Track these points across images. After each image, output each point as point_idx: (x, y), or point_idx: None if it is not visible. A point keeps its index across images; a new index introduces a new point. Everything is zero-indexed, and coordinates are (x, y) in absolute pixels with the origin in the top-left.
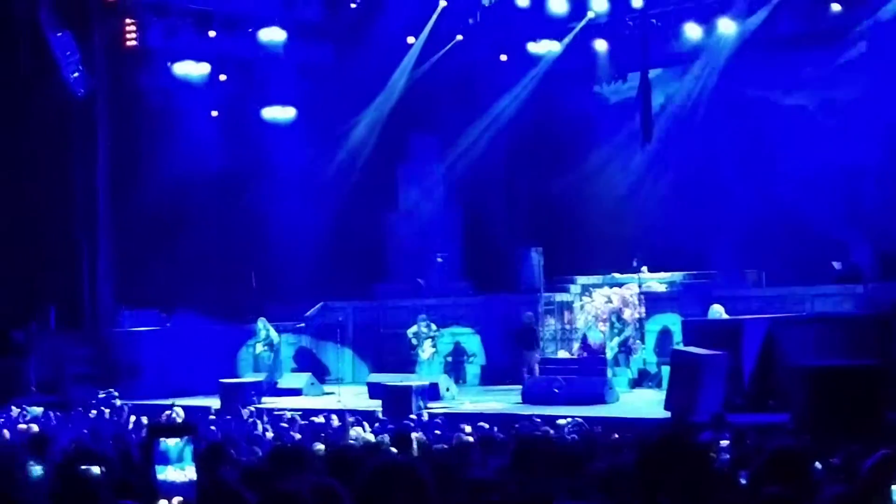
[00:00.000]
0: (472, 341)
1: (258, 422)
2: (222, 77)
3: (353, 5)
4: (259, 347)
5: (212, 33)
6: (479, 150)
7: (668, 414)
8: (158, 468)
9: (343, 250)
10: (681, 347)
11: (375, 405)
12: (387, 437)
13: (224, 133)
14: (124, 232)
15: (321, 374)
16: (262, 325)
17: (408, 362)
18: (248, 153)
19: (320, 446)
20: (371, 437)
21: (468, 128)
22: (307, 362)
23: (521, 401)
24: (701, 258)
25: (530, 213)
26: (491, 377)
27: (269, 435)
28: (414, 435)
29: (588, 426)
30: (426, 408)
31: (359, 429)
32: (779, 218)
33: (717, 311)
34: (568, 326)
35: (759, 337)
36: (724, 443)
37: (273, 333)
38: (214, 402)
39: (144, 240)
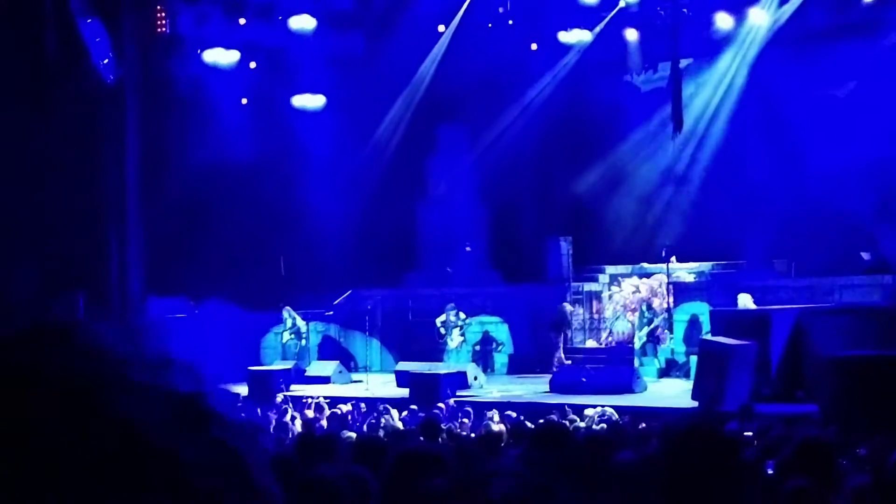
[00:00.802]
0: (500, 330)
1: (288, 409)
2: (252, 64)
3: None
4: (286, 336)
5: (242, 20)
6: (508, 140)
7: (695, 404)
8: None
9: (372, 239)
10: (709, 337)
11: (403, 393)
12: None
13: (254, 121)
14: (153, 219)
15: (348, 362)
16: (288, 313)
17: (436, 351)
18: (278, 141)
19: (350, 434)
20: (400, 426)
21: (498, 118)
22: (334, 351)
23: (548, 390)
24: (730, 248)
25: (559, 202)
26: (518, 366)
27: (298, 423)
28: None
29: (616, 416)
30: (454, 396)
31: (393, 414)
32: (808, 208)
33: (746, 301)
34: (596, 316)
35: (787, 327)
36: (750, 433)
37: (300, 321)
38: (242, 390)
39: (173, 227)
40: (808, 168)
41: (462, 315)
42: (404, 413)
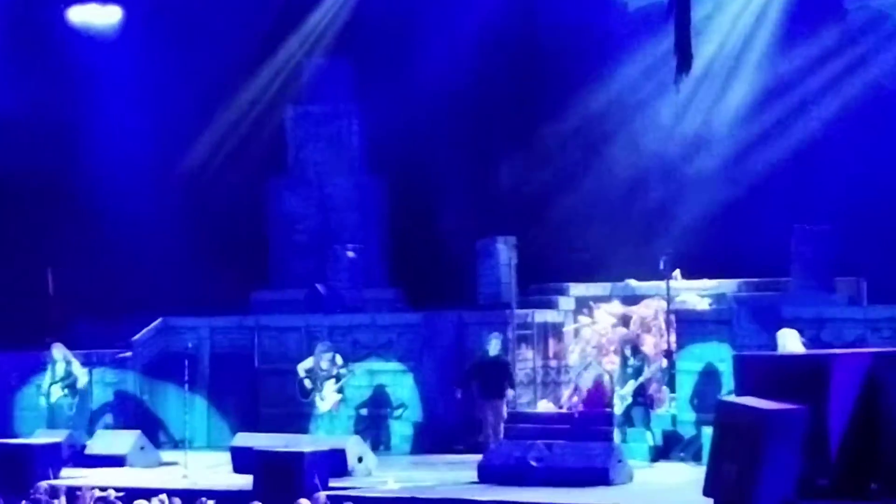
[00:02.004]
0: (401, 383)
1: None
2: None
3: None
4: (55, 390)
5: None
6: (418, 84)
7: (710, 503)
8: None
9: (197, 237)
10: (732, 398)
11: (245, 483)
12: None
13: (6, 51)
14: None
15: (156, 432)
16: (60, 355)
17: (298, 416)
18: (46, 82)
19: None
20: None
21: (405, 49)
22: (132, 414)
23: (476, 479)
24: (766, 259)
25: (498, 184)
26: (430, 441)
27: None
28: None
29: None
30: (325, 488)
31: None
32: (888, 202)
33: (791, 342)
34: (554, 363)
35: (855, 382)
36: None
37: (77, 368)
38: None
39: None
40: (889, 139)
41: (339, 359)
42: None
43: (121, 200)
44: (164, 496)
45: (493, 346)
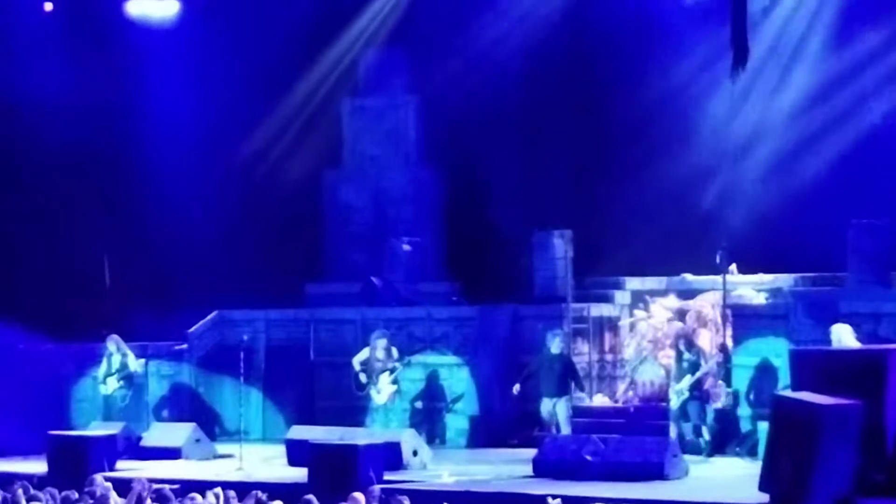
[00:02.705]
0: (457, 377)
1: (110, 499)
2: None
3: None
4: (110, 382)
5: None
6: (474, 76)
7: (765, 498)
8: None
9: (254, 228)
10: (788, 393)
11: (299, 476)
12: None
13: (67, 42)
14: None
15: (211, 425)
16: (115, 346)
17: (353, 409)
18: (104, 74)
19: None
20: None
21: (457, 43)
22: (188, 407)
23: (532, 473)
24: (823, 253)
25: (554, 178)
26: (485, 435)
27: None
28: None
29: None
30: (380, 481)
31: None
32: None
33: (846, 336)
34: (610, 357)
35: None
36: None
37: (132, 360)
38: (39, 467)
39: None
40: None
41: (395, 352)
42: None
43: (178, 192)
44: (219, 489)
45: (555, 345)
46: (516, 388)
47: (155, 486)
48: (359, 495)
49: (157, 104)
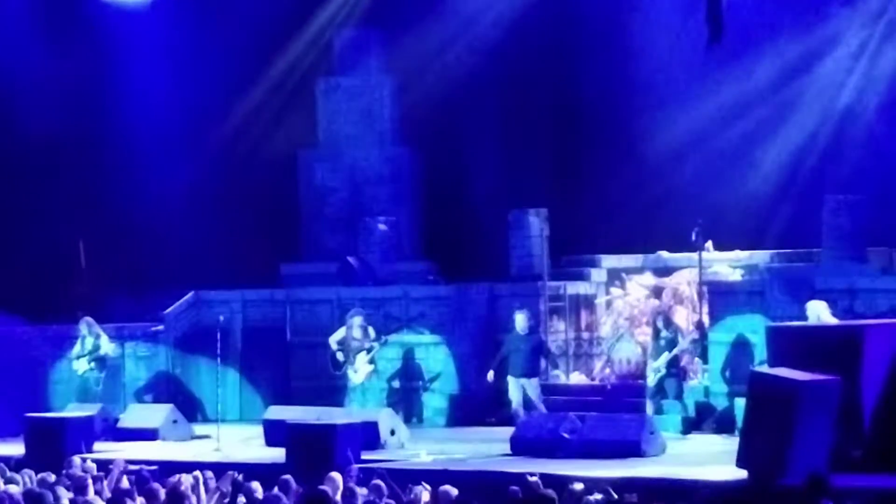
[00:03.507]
0: (433, 356)
1: (89, 481)
2: None
3: None
4: (81, 363)
5: None
6: (449, 55)
7: (744, 474)
8: None
9: (228, 208)
10: (765, 369)
11: (277, 456)
12: None
13: (41, 26)
14: None
15: (190, 407)
16: (87, 328)
17: (330, 389)
18: (76, 55)
19: None
20: None
21: (433, 20)
22: (165, 388)
23: (509, 451)
24: (798, 229)
25: (530, 156)
26: (463, 413)
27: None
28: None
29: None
30: (358, 461)
31: (257, 490)
32: None
33: (822, 312)
34: (586, 335)
35: (888, 352)
36: None
37: (104, 342)
38: (16, 449)
39: None
40: None
41: (372, 331)
42: (275, 489)
43: (153, 174)
44: (197, 472)
45: (519, 322)
46: (490, 374)
47: (132, 467)
48: (336, 475)
49: (132, 87)
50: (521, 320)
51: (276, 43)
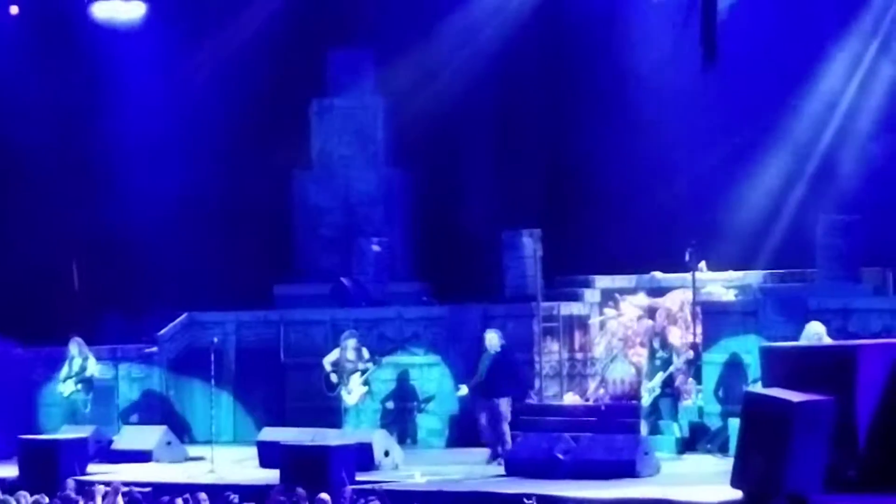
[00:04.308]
0: (428, 376)
1: None
2: None
3: None
4: (68, 385)
5: None
6: (442, 76)
7: (738, 495)
8: None
9: (220, 232)
10: (758, 389)
11: (272, 477)
12: None
13: (31, 42)
14: None
15: (182, 427)
16: (77, 349)
17: (324, 410)
18: (71, 74)
19: None
20: None
21: (424, 39)
22: (158, 410)
23: (503, 472)
24: (792, 249)
25: (522, 176)
26: (457, 434)
27: None
28: None
29: None
30: (352, 482)
31: None
32: None
33: (817, 332)
34: (580, 355)
35: (883, 372)
36: None
37: (92, 364)
38: (9, 471)
39: None
40: None
41: (366, 352)
42: None
43: (146, 194)
44: (187, 495)
45: (489, 340)
46: (463, 389)
47: (124, 489)
48: (325, 496)
49: (125, 106)
50: (490, 339)
51: (270, 63)
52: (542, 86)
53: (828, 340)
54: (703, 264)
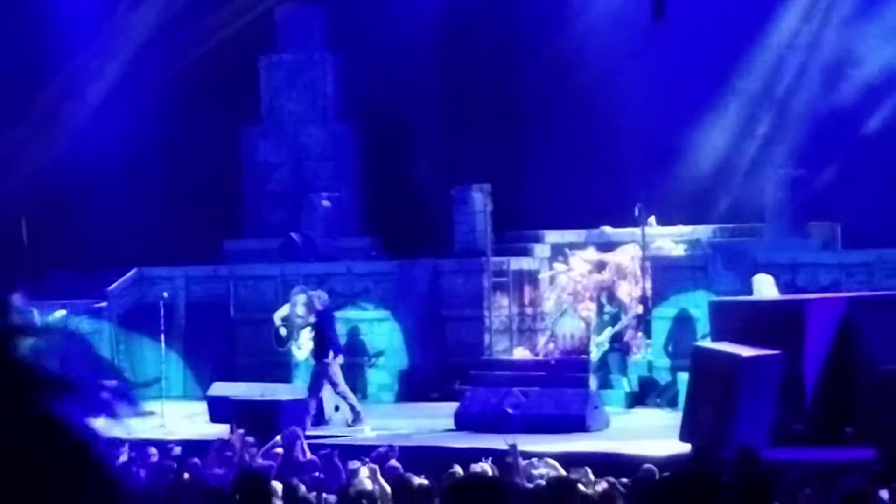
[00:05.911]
0: (379, 331)
1: None
2: None
3: None
4: None
5: None
6: (392, 30)
7: (686, 448)
8: None
9: (171, 184)
10: (707, 344)
11: (221, 432)
12: None
13: None
14: None
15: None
16: (19, 305)
17: (274, 365)
18: (16, 29)
19: None
20: None
21: None
22: (108, 364)
23: (453, 426)
24: (741, 204)
25: (473, 131)
26: (407, 389)
27: None
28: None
29: (559, 469)
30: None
31: None
32: (865, 147)
33: (766, 287)
34: (530, 310)
35: (830, 327)
36: None
37: (36, 319)
38: None
39: None
40: (870, 82)
41: (318, 303)
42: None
43: (94, 151)
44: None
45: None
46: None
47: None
48: (279, 450)
49: (71, 62)
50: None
51: (218, 18)
52: (491, 41)
53: (772, 292)
54: (652, 219)
